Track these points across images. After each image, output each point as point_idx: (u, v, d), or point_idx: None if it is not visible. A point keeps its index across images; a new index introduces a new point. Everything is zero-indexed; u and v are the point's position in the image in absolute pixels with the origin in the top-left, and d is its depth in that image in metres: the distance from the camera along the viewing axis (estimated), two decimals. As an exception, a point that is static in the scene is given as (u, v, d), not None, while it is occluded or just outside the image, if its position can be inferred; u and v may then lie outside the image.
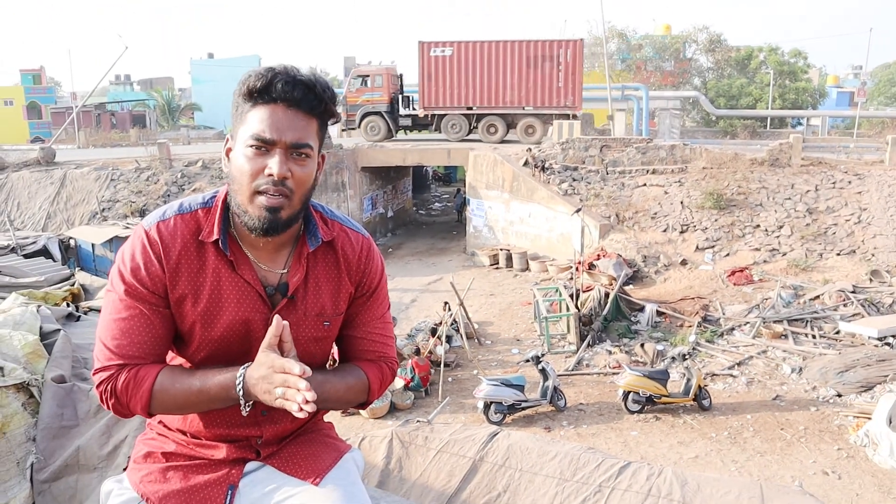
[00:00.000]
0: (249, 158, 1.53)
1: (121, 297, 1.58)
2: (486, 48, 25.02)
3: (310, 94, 1.55)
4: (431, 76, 25.39)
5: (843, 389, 11.68)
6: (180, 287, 1.60)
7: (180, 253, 1.60)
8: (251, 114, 1.54)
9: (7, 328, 3.64)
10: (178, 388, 1.57)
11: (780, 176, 19.66)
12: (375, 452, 4.71)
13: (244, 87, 1.55)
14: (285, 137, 1.53)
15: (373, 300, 1.81)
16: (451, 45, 25.21)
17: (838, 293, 15.05)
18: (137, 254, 1.58)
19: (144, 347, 1.58)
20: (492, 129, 25.57)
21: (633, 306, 15.56)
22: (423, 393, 12.39)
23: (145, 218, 1.67)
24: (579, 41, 24.95)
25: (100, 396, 1.60)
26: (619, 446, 10.31)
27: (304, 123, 1.56)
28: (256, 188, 1.53)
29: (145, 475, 1.69)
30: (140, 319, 1.58)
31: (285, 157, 1.53)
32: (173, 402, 1.59)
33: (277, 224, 1.56)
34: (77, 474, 3.14)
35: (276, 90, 1.52)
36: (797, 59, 40.92)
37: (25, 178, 23.43)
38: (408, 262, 22.50)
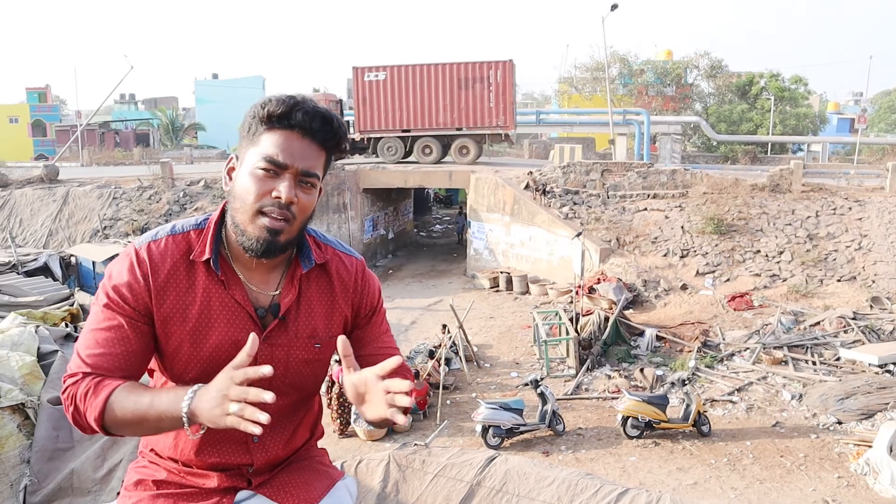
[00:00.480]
0: (258, 179, 1.54)
1: (101, 309, 1.59)
2: (419, 71, 25.56)
3: (326, 126, 1.58)
4: (366, 100, 25.97)
5: (844, 417, 11.61)
6: (167, 306, 1.60)
7: (169, 272, 1.60)
8: (265, 136, 1.56)
9: (5, 349, 3.64)
10: (130, 400, 1.49)
11: (781, 202, 19.71)
12: (372, 476, 4.68)
13: (263, 110, 1.56)
14: (297, 164, 1.55)
15: (376, 318, 1.84)
16: (384, 69, 25.81)
17: (839, 319, 15.02)
18: (124, 271, 1.59)
19: (116, 360, 1.55)
20: (427, 150, 26.07)
21: (632, 331, 15.52)
22: (421, 415, 12.33)
23: (137, 238, 1.68)
24: (509, 62, 25.32)
25: (63, 404, 1.56)
26: (617, 472, 10.24)
27: (315, 154, 1.58)
28: (260, 208, 1.54)
29: (136, 502, 1.69)
30: (117, 332, 1.57)
31: (294, 183, 1.55)
32: (123, 416, 1.49)
33: (275, 247, 1.57)
34: (70, 497, 3.13)
35: (296, 118, 1.55)
36: (798, 86, 41.17)
37: (28, 195, 23.51)
38: (408, 284, 22.49)
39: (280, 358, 1.68)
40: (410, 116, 25.82)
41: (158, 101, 61.05)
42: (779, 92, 39.15)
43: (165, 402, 1.45)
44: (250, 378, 1.37)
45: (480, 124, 25.62)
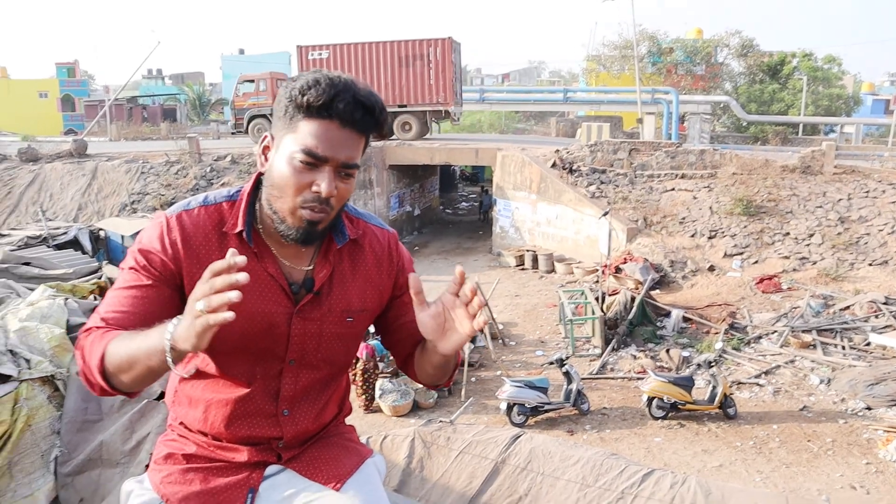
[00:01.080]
0: (297, 171, 1.50)
1: (127, 271, 1.57)
2: (361, 49, 25.78)
3: (367, 116, 1.53)
4: None
5: (873, 402, 11.44)
6: (198, 275, 1.57)
7: (201, 243, 1.58)
8: (304, 124, 1.51)
9: (34, 321, 3.67)
10: (124, 342, 1.42)
11: (812, 183, 19.35)
12: (397, 452, 4.70)
13: (302, 97, 1.49)
14: (338, 156, 1.51)
15: None
16: (327, 48, 26.04)
17: (870, 304, 14.76)
18: (154, 237, 1.57)
19: (133, 319, 1.50)
20: None
21: (659, 311, 15.41)
22: (446, 392, 12.37)
23: (170, 207, 1.65)
24: (448, 39, 25.36)
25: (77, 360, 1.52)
26: (642, 452, 10.20)
27: (355, 142, 1.55)
28: (302, 203, 1.51)
29: (165, 476, 1.68)
30: (139, 291, 1.54)
31: (334, 176, 1.52)
32: (119, 360, 1.41)
33: (314, 235, 1.56)
34: (100, 468, 3.16)
35: (336, 109, 1.49)
36: (831, 66, 40.25)
37: (58, 169, 23.82)
38: (434, 261, 22.50)
39: (312, 332, 1.66)
40: None
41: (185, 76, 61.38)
42: (811, 72, 38.32)
43: (154, 336, 1.35)
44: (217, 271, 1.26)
45: (422, 101, 25.86)
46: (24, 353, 3.42)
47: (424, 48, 25.40)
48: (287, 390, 1.69)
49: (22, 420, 3.13)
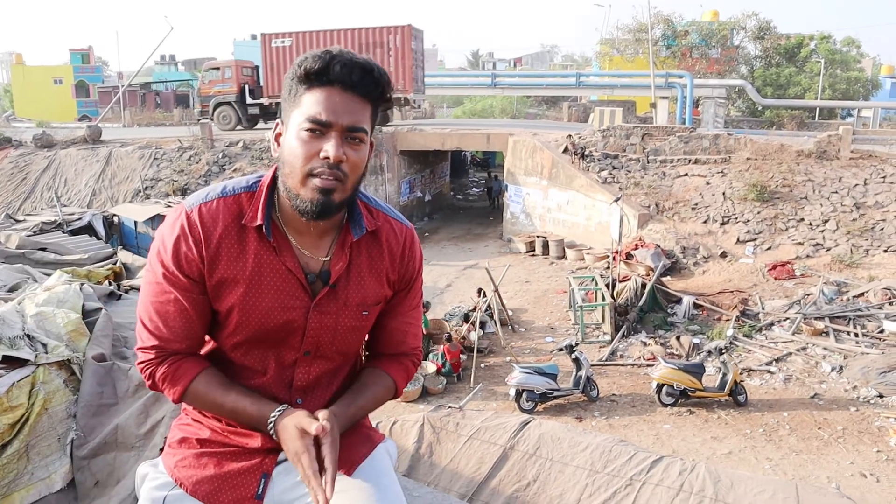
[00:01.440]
0: (304, 141, 1.51)
1: (158, 280, 1.60)
2: (323, 37, 25.89)
3: (367, 77, 1.53)
4: (274, 66, 26.53)
5: (886, 390, 11.40)
6: (219, 271, 1.60)
7: (221, 236, 1.59)
8: (306, 96, 1.52)
9: (51, 306, 3.73)
10: (210, 398, 1.65)
11: (828, 169, 19.18)
12: (406, 437, 4.74)
13: (300, 69, 1.51)
14: (342, 120, 1.50)
15: (410, 292, 1.82)
16: (290, 35, 26.33)
17: (884, 291, 14.66)
18: (177, 238, 1.58)
19: (178, 332, 1.62)
20: None
21: (670, 298, 15.37)
22: (455, 378, 12.43)
23: (187, 198, 1.66)
24: (407, 27, 25.49)
25: (141, 373, 1.69)
26: (651, 439, 10.23)
27: (359, 107, 1.54)
28: (311, 171, 1.51)
29: (180, 460, 1.71)
30: (174, 305, 1.60)
31: (341, 141, 1.51)
32: (203, 406, 1.69)
33: (331, 207, 1.54)
34: (115, 452, 3.21)
35: (334, 72, 1.50)
36: (850, 48, 39.74)
37: (72, 155, 23.98)
38: (444, 247, 22.53)
39: (328, 325, 1.68)
40: None
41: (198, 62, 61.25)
42: (829, 55, 37.84)
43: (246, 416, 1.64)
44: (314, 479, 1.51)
45: None
46: (41, 337, 3.47)
47: (384, 35, 25.62)
48: (300, 380, 1.72)
49: (39, 404, 3.18)
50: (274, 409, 1.60)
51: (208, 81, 28.10)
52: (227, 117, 27.66)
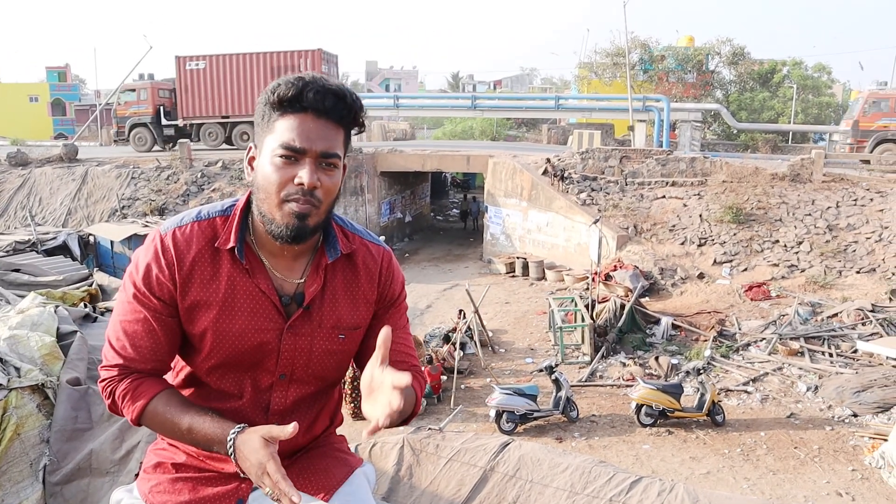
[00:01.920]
0: (278, 168, 1.52)
1: (129, 300, 1.61)
2: (235, 60, 26.75)
3: (340, 103, 1.54)
4: (188, 88, 27.28)
5: (860, 409, 11.53)
6: (192, 294, 1.60)
7: (194, 259, 1.60)
8: (280, 122, 1.53)
9: (25, 329, 3.68)
10: (167, 418, 1.60)
11: (801, 191, 19.49)
12: (386, 459, 4.70)
13: (273, 95, 1.53)
14: (315, 147, 1.52)
15: (394, 311, 1.81)
16: (204, 58, 27.06)
17: (857, 312, 14.87)
18: (150, 261, 1.60)
19: (144, 352, 1.62)
20: (244, 136, 27.26)
21: (648, 319, 15.47)
22: (435, 399, 12.38)
23: (164, 223, 1.67)
24: (317, 51, 26.35)
25: (101, 392, 1.66)
26: (630, 459, 10.24)
27: (333, 133, 1.55)
28: (286, 197, 1.52)
29: (155, 485, 1.69)
30: (143, 325, 1.60)
31: (315, 167, 1.52)
32: (161, 427, 1.64)
33: (305, 231, 1.55)
34: (89, 478, 3.16)
35: (307, 99, 1.51)
36: (821, 74, 40.52)
37: (48, 174, 23.71)
38: (424, 268, 22.53)
39: (303, 348, 1.67)
40: (229, 103, 27.08)
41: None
42: (801, 80, 38.58)
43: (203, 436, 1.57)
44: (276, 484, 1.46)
45: None
46: (14, 361, 3.42)
47: (295, 59, 26.31)
48: (276, 404, 1.71)
49: (11, 429, 3.13)
50: (234, 427, 1.55)
51: (124, 103, 28.60)
52: (143, 138, 28.14)
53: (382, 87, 62.05)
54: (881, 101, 24.32)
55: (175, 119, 27.83)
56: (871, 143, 23.38)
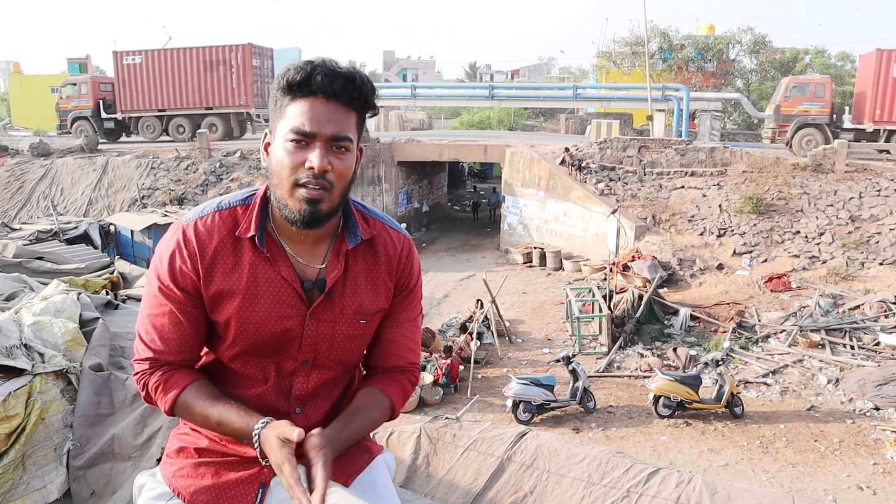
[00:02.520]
0: (289, 152, 1.53)
1: (154, 293, 1.64)
2: (171, 55, 27.56)
3: (349, 86, 1.54)
4: (126, 82, 27.96)
5: (882, 403, 11.41)
6: (215, 284, 1.61)
7: (216, 249, 1.61)
8: (290, 107, 1.54)
9: (48, 315, 3.72)
10: (198, 411, 1.64)
11: (823, 182, 19.25)
12: (403, 448, 4.72)
13: (283, 80, 1.54)
14: (325, 130, 1.52)
15: (407, 302, 1.81)
16: (140, 53, 27.74)
17: (879, 304, 14.69)
18: (173, 251, 1.61)
19: (172, 345, 1.65)
20: (180, 128, 28.06)
21: (666, 310, 15.38)
22: (452, 389, 12.40)
23: (185, 214, 1.68)
24: (247, 46, 27.16)
25: (136, 384, 1.71)
26: (647, 451, 10.21)
27: (343, 116, 1.55)
28: (297, 181, 1.53)
29: (178, 470, 1.71)
30: (170, 318, 1.63)
31: (325, 151, 1.52)
32: (192, 418, 1.68)
33: (318, 216, 1.56)
34: (112, 462, 3.20)
35: (316, 83, 1.51)
36: (844, 63, 39.96)
37: (69, 164, 23.96)
38: (441, 258, 22.54)
39: (325, 334, 1.68)
40: (165, 97, 27.77)
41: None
42: (824, 69, 38.07)
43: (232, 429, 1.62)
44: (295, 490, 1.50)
45: (225, 104, 27.50)
46: (39, 347, 3.47)
47: (227, 54, 26.94)
48: (298, 389, 1.72)
49: (35, 413, 3.17)
50: (259, 421, 1.58)
51: (66, 97, 28.98)
52: (85, 131, 28.36)
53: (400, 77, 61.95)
54: (802, 85, 24.66)
55: (115, 112, 28.39)
56: (792, 127, 23.70)
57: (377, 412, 1.76)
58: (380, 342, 1.81)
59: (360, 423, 1.71)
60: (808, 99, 24.00)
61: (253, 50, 27.14)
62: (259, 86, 27.52)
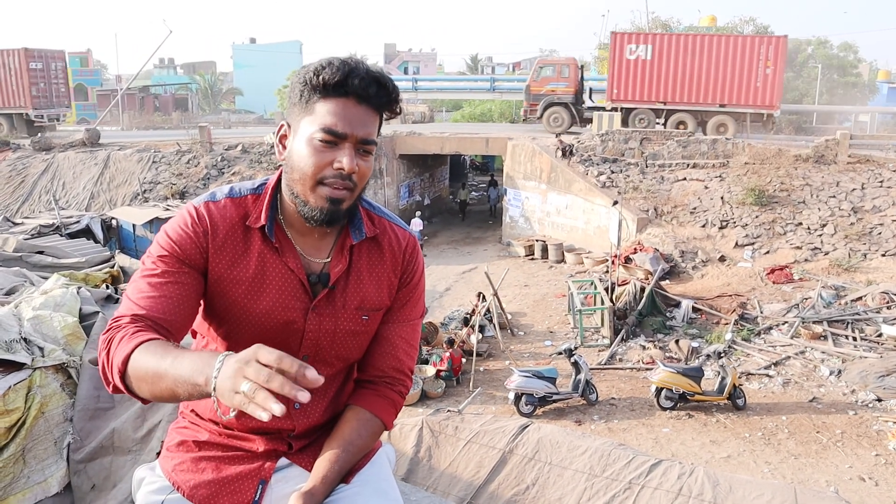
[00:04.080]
0: (318, 150, 1.52)
1: (156, 258, 1.58)
2: None
3: (382, 91, 1.54)
4: None
5: (884, 394, 11.41)
6: (222, 266, 1.61)
7: (226, 234, 1.61)
8: (320, 105, 1.53)
9: (48, 309, 3.72)
10: (155, 353, 1.37)
11: (825, 173, 19.20)
12: (405, 441, 4.73)
13: (318, 78, 1.52)
14: (357, 132, 1.52)
15: (409, 300, 1.80)
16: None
17: (882, 295, 14.67)
18: (182, 225, 1.60)
19: (167, 302, 1.52)
20: None
21: (668, 302, 15.37)
22: (454, 382, 12.41)
23: (195, 199, 1.68)
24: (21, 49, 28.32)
25: (98, 350, 1.49)
26: (650, 443, 10.22)
27: (371, 119, 1.56)
28: (321, 179, 1.53)
29: (178, 464, 1.70)
30: (169, 277, 1.56)
31: (353, 152, 1.53)
32: (145, 370, 1.36)
33: (338, 215, 1.57)
34: (112, 456, 3.20)
35: (352, 85, 1.51)
36: (847, 53, 39.81)
37: (71, 158, 23.96)
38: (443, 251, 22.54)
39: (327, 328, 1.68)
40: None
41: (197, 65, 61.37)
42: (826, 60, 37.94)
43: (187, 365, 1.29)
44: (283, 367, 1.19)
45: None
46: (38, 341, 3.46)
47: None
48: None
49: (35, 407, 3.17)
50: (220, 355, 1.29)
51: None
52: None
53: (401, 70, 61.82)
54: (548, 66, 25.96)
55: None
56: (541, 106, 24.93)
57: (369, 438, 1.71)
58: (377, 340, 1.78)
59: (351, 454, 1.66)
60: (554, 79, 25.20)
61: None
62: None
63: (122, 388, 1.44)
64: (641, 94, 23.99)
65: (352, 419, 1.72)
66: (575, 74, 25.51)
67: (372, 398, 1.76)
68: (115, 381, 1.44)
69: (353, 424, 1.71)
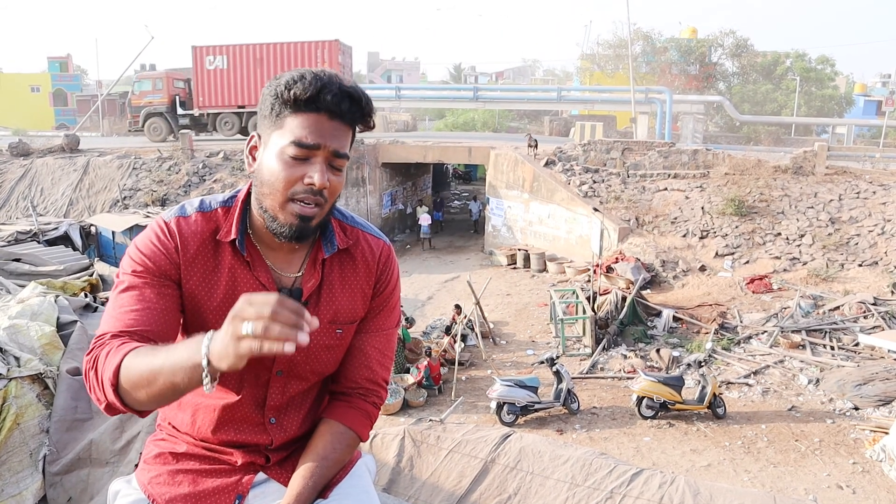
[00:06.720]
0: (288, 165, 1.49)
1: (129, 275, 1.54)
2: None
3: (354, 106, 1.52)
4: None
5: (861, 402, 11.53)
6: (194, 281, 1.58)
7: (197, 250, 1.58)
8: (291, 120, 1.49)
9: (25, 318, 3.67)
10: (146, 356, 1.35)
11: (804, 184, 19.44)
12: (387, 450, 4.69)
13: (289, 92, 1.48)
14: (329, 143, 1.49)
15: (383, 309, 1.78)
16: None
17: (859, 305, 14.85)
18: (152, 241, 1.56)
19: (147, 315, 1.49)
20: None
21: (649, 311, 15.46)
22: (436, 391, 12.38)
23: (165, 212, 1.65)
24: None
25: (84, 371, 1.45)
26: (631, 451, 10.25)
27: (343, 133, 1.53)
28: (292, 195, 1.50)
29: (154, 477, 1.67)
30: (144, 291, 1.52)
31: (325, 167, 1.50)
32: (139, 374, 1.34)
33: (307, 231, 1.53)
34: (89, 468, 3.16)
35: (324, 101, 1.48)
36: (824, 66, 40.42)
37: (49, 164, 23.69)
38: (425, 259, 22.51)
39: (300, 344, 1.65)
40: None
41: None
42: (804, 72, 38.49)
43: (181, 350, 1.29)
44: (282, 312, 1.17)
45: None
46: (14, 350, 3.41)
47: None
48: (273, 400, 1.68)
49: (10, 419, 3.12)
50: None
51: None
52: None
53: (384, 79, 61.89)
54: (146, 80, 28.34)
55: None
56: (142, 117, 27.29)
57: (344, 451, 1.69)
58: (350, 351, 1.75)
59: (326, 469, 1.64)
60: (151, 92, 27.52)
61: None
62: None
63: (118, 403, 1.41)
64: (222, 99, 26.46)
65: (326, 433, 1.69)
66: (169, 86, 27.76)
67: (346, 410, 1.73)
68: (108, 397, 1.40)
69: (328, 438, 1.68)
